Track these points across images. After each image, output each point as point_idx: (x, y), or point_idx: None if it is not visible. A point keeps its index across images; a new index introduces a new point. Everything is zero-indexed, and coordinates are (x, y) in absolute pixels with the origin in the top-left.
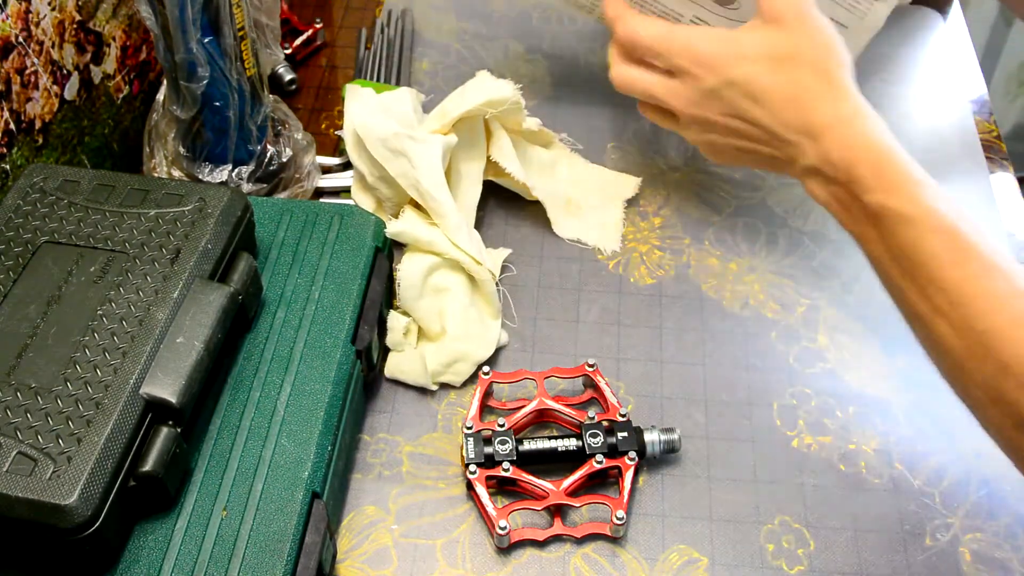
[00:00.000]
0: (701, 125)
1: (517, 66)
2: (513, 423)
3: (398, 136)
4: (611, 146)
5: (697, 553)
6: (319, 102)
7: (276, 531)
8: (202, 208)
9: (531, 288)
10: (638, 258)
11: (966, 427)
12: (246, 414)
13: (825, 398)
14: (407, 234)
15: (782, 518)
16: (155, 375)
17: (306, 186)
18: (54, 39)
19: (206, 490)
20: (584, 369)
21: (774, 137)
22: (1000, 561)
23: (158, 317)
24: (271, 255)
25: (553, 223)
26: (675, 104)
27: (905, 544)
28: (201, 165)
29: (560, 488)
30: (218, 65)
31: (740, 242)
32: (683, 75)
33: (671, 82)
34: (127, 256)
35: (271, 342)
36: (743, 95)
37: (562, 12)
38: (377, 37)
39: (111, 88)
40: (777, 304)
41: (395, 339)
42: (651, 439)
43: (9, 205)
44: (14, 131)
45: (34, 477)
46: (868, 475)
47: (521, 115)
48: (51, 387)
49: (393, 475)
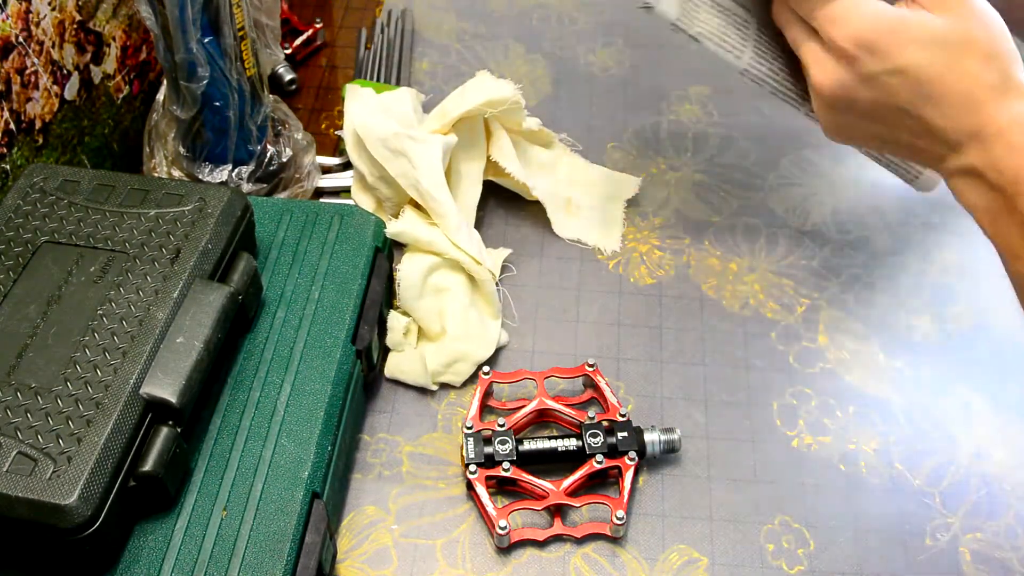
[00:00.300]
0: (843, 108)
1: (517, 66)
2: (513, 423)
3: (398, 136)
4: (611, 146)
5: (697, 553)
6: (319, 102)
7: (276, 531)
8: (202, 208)
9: (531, 288)
10: (638, 258)
11: (966, 427)
12: (246, 414)
13: (825, 398)
14: (407, 234)
15: (782, 518)
16: (155, 375)
17: (306, 186)
18: (54, 39)
19: (206, 490)
20: (584, 369)
21: (933, 134)
22: (1000, 561)
23: (158, 317)
24: (271, 255)
25: (553, 223)
26: (820, 79)
27: (905, 544)
28: (201, 165)
29: (560, 488)
30: (218, 65)
31: (740, 242)
32: (839, 54)
33: (823, 54)
34: (127, 256)
35: (271, 342)
36: (908, 85)
37: (562, 12)
38: (377, 37)
39: (111, 88)
40: (777, 304)
41: (395, 339)
42: (651, 439)
43: (9, 205)
44: (14, 131)
45: (34, 477)
46: (868, 475)
47: (521, 115)
48: (51, 387)
49: (393, 475)
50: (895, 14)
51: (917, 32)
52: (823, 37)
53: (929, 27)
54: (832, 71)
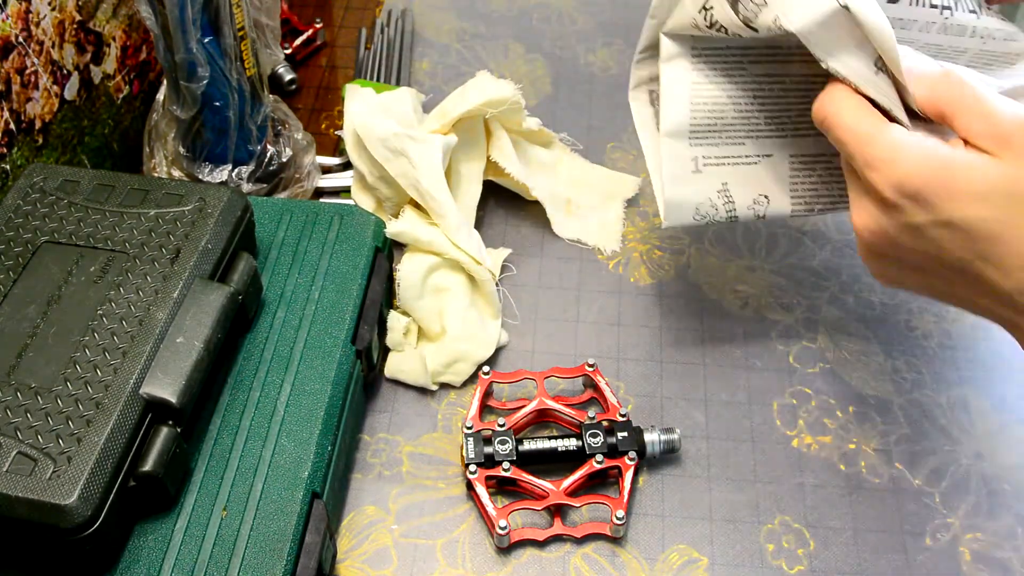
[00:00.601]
0: (888, 257)
1: (517, 66)
2: (513, 423)
3: (398, 136)
4: (611, 146)
5: (697, 553)
6: (319, 102)
7: (276, 531)
8: (202, 208)
9: (531, 288)
10: (638, 258)
11: (966, 427)
12: (246, 414)
13: (825, 398)
14: (407, 234)
15: (782, 518)
16: (155, 375)
17: (306, 186)
18: (54, 39)
19: (206, 490)
20: (584, 369)
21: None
22: (1000, 561)
23: (158, 317)
24: (271, 255)
25: (553, 223)
26: (859, 223)
27: (905, 544)
28: (201, 165)
29: (560, 488)
30: (218, 65)
31: (740, 242)
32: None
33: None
34: (127, 256)
35: (271, 342)
36: (961, 241)
37: (562, 12)
38: (377, 37)
39: (111, 88)
40: (777, 304)
41: (395, 339)
42: (651, 439)
43: (9, 205)
44: (14, 131)
45: (34, 477)
46: (868, 475)
47: (521, 115)
48: (51, 387)
49: (393, 475)
50: (944, 157)
51: (968, 180)
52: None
53: (983, 174)
54: (873, 217)
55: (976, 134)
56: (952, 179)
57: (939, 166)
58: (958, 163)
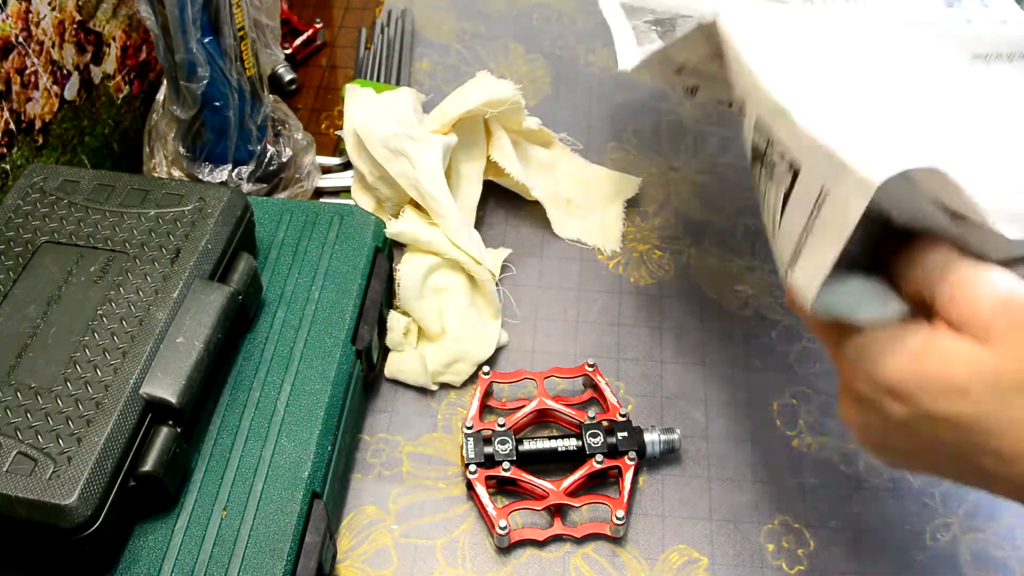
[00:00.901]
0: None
1: (517, 66)
2: (513, 423)
3: (398, 136)
4: (611, 146)
5: (697, 553)
6: (319, 102)
7: (276, 531)
8: (202, 208)
9: (531, 288)
10: (638, 258)
11: None
12: (246, 414)
13: (825, 398)
14: (407, 234)
15: (782, 518)
16: (155, 375)
17: (306, 186)
18: (54, 39)
19: (206, 490)
20: (584, 369)
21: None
22: (1000, 561)
23: (158, 317)
24: (271, 255)
25: (553, 223)
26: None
27: (905, 544)
28: (201, 165)
29: (560, 488)
30: (218, 65)
31: (740, 242)
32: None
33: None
34: (127, 256)
35: (271, 342)
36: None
37: (562, 12)
38: (377, 37)
39: (111, 88)
40: (777, 304)
41: (395, 339)
42: (651, 439)
43: (9, 205)
44: (14, 131)
45: (34, 477)
46: (868, 475)
47: (521, 115)
48: (51, 387)
49: (393, 475)
50: (918, 347)
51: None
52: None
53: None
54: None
55: (956, 319)
56: (927, 372)
57: (913, 358)
58: (933, 355)
